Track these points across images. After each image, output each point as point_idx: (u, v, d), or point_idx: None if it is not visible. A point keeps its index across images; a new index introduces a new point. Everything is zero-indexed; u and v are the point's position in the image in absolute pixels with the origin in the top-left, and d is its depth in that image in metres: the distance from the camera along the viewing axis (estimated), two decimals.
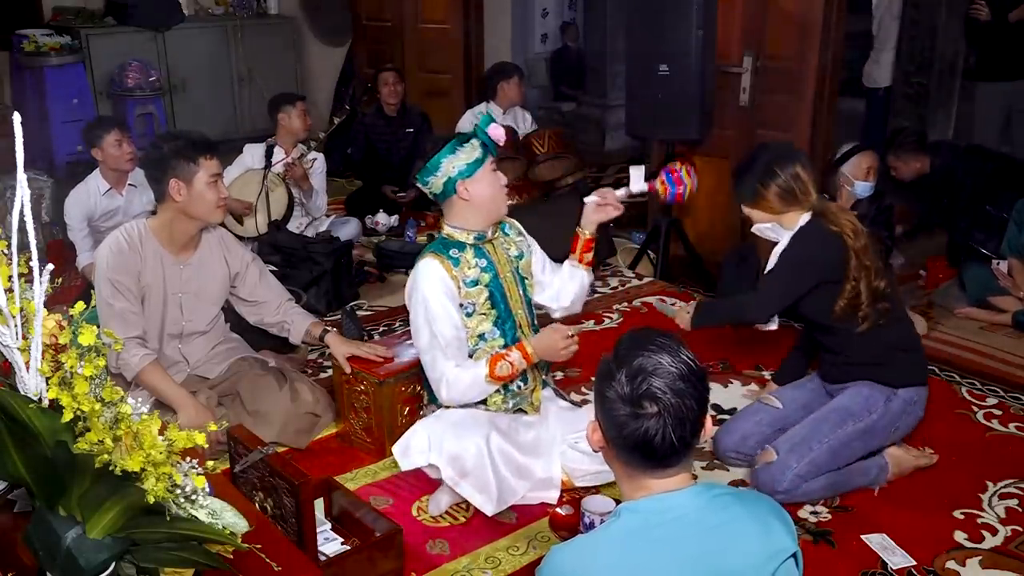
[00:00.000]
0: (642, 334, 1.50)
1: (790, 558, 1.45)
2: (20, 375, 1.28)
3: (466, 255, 2.66)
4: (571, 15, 9.88)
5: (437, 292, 2.61)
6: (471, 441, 2.54)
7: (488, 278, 2.68)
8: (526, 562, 2.46)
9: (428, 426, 2.63)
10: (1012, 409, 3.28)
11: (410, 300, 2.70)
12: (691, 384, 1.42)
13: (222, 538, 1.33)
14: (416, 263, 2.70)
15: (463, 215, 2.67)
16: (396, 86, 5.66)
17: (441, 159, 2.59)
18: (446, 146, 2.60)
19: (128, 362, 2.78)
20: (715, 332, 3.98)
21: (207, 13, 7.20)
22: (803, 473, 2.64)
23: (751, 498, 1.50)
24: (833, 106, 4.51)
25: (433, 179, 2.62)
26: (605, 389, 1.45)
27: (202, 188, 2.78)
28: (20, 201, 1.22)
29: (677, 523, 1.41)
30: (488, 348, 2.68)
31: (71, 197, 4.19)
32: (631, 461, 1.45)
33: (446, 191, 2.63)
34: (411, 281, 2.70)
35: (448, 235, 2.70)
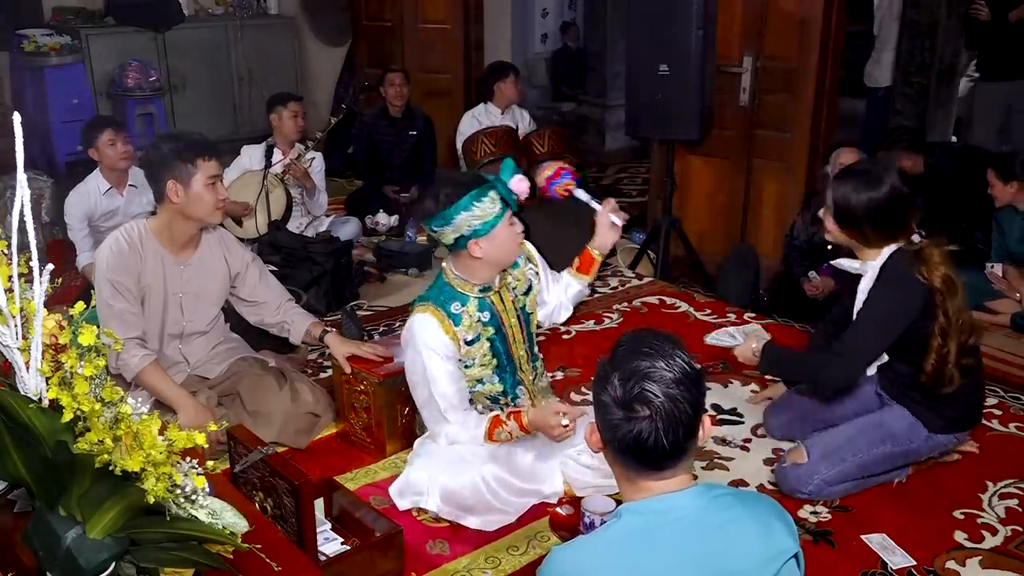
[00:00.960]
0: (639, 336, 1.50)
1: (792, 559, 1.45)
2: (20, 375, 1.28)
3: (468, 309, 2.53)
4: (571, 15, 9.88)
5: (434, 354, 2.49)
6: (467, 476, 2.53)
7: (490, 332, 2.58)
8: (526, 562, 2.46)
9: (425, 466, 2.61)
10: (1012, 409, 3.28)
11: (405, 351, 2.60)
12: (685, 388, 1.41)
13: (222, 538, 1.33)
14: (415, 309, 2.55)
15: (470, 269, 2.53)
16: (403, 87, 5.65)
17: (456, 214, 2.39)
18: (463, 199, 2.38)
19: (128, 363, 2.78)
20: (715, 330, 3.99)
21: (207, 13, 7.20)
22: (830, 480, 2.65)
23: (752, 499, 1.51)
24: (833, 106, 4.51)
25: (443, 231, 2.44)
26: (600, 392, 1.46)
27: (200, 190, 2.77)
28: (20, 201, 1.22)
29: (678, 524, 1.40)
30: (485, 391, 2.64)
31: (71, 196, 4.19)
32: (626, 463, 1.46)
33: (456, 245, 2.47)
34: (408, 333, 2.55)
35: (449, 283, 2.56)
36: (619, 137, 7.70)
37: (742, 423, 3.19)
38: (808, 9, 4.28)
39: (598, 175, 7.04)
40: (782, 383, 3.16)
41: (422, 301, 2.56)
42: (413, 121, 5.76)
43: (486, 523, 2.57)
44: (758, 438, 3.10)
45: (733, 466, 2.92)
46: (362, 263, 4.70)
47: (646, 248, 4.84)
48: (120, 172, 4.19)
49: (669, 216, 4.69)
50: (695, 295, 4.40)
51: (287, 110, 4.68)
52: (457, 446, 2.60)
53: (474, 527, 2.57)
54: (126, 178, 4.23)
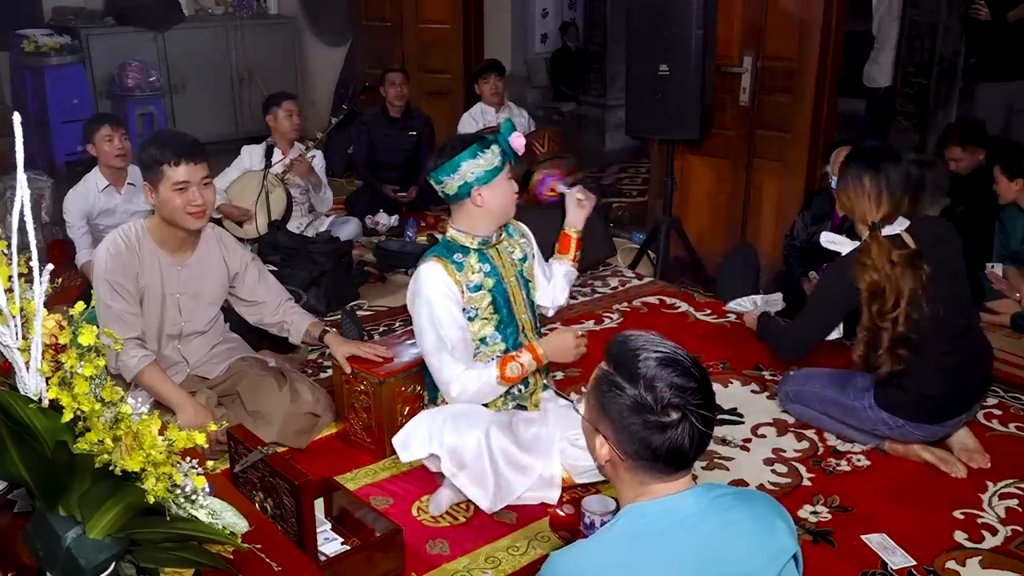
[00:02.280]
0: (632, 338, 1.47)
1: (791, 559, 1.44)
2: (20, 375, 1.28)
3: (470, 260, 2.66)
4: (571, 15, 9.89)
5: (440, 295, 2.60)
6: (471, 435, 2.54)
7: (492, 283, 2.68)
8: (526, 562, 2.46)
9: (428, 419, 2.63)
10: (1012, 409, 3.28)
11: (412, 303, 2.68)
12: (699, 378, 1.41)
13: (222, 538, 1.33)
14: (418, 266, 2.69)
15: (471, 219, 2.66)
16: (403, 87, 5.66)
17: (461, 161, 2.56)
18: (467, 149, 2.56)
19: (127, 363, 2.78)
20: (715, 330, 3.99)
21: (207, 13, 7.20)
22: (792, 395, 3.13)
23: (753, 498, 1.50)
24: (833, 106, 4.51)
25: (449, 179, 2.59)
26: (616, 403, 1.41)
27: (166, 194, 2.74)
28: (20, 201, 1.21)
29: (679, 526, 1.40)
30: (489, 352, 2.68)
31: (70, 195, 4.20)
32: (652, 470, 1.42)
33: (459, 194, 2.61)
34: (413, 284, 2.68)
35: (452, 238, 2.69)
36: (619, 137, 7.71)
37: (742, 423, 3.19)
38: (808, 9, 4.28)
39: (598, 175, 7.03)
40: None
41: (426, 256, 2.68)
42: (413, 121, 5.76)
43: (475, 486, 2.54)
44: (758, 438, 3.10)
45: (733, 466, 2.93)
46: (362, 263, 4.70)
47: (646, 248, 4.84)
48: (118, 170, 4.19)
49: (669, 216, 4.69)
50: (695, 295, 4.40)
51: (282, 110, 4.69)
52: (462, 405, 2.62)
53: (461, 487, 2.55)
54: (124, 176, 4.23)
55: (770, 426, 3.18)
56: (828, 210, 4.06)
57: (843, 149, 3.97)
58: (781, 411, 3.22)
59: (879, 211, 2.71)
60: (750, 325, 3.34)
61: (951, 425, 2.90)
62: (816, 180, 4.44)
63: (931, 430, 2.88)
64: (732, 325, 4.05)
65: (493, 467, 2.55)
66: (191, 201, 2.74)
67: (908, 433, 2.88)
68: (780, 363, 3.45)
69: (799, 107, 4.41)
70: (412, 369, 2.96)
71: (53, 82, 6.05)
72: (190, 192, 2.74)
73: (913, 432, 2.87)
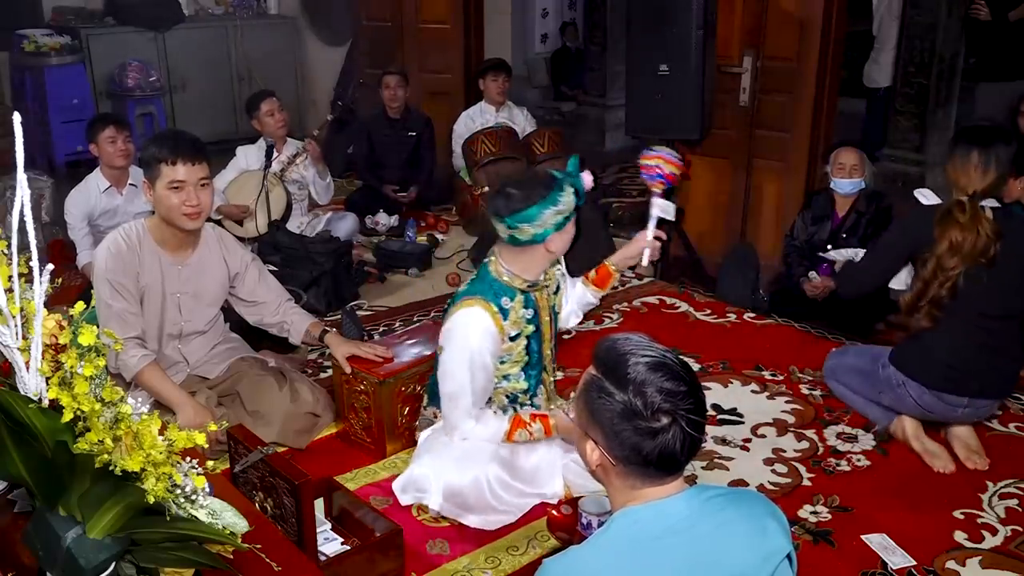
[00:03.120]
0: (619, 342, 1.45)
1: (784, 559, 1.43)
2: (20, 375, 1.28)
3: (515, 305, 2.56)
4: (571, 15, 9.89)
5: (482, 348, 2.50)
6: (470, 475, 2.55)
7: (531, 330, 2.61)
8: (526, 562, 2.46)
9: (430, 464, 2.62)
10: (1012, 409, 3.28)
11: (448, 343, 2.55)
12: (688, 381, 1.40)
13: (222, 538, 1.33)
14: (459, 303, 2.55)
15: (531, 264, 2.54)
16: (397, 90, 5.65)
17: (544, 209, 2.40)
18: (548, 195, 2.41)
19: (127, 363, 2.78)
20: (715, 330, 3.99)
21: (207, 13, 7.20)
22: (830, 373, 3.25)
23: (745, 498, 1.48)
24: (833, 106, 4.51)
25: (526, 227, 2.43)
26: (606, 409, 1.40)
27: (162, 193, 2.73)
28: (20, 201, 1.21)
29: (671, 530, 1.39)
30: (509, 388, 2.65)
31: (72, 195, 4.20)
32: (643, 474, 1.41)
33: (533, 240, 2.46)
34: (455, 325, 2.54)
35: (496, 276, 2.56)
36: (619, 137, 7.70)
37: (742, 423, 3.20)
38: (808, 9, 4.28)
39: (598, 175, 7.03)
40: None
41: (469, 295, 2.54)
42: (412, 122, 5.76)
43: (486, 522, 2.58)
44: (758, 438, 3.10)
45: (733, 466, 2.93)
46: (362, 263, 4.70)
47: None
48: (119, 170, 4.20)
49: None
50: (695, 295, 4.40)
51: (261, 112, 4.68)
52: (464, 444, 2.60)
53: (474, 526, 2.57)
54: (126, 177, 4.24)
55: (770, 426, 3.18)
56: (828, 210, 4.06)
57: (842, 150, 3.98)
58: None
59: (983, 183, 2.79)
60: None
61: (954, 407, 2.91)
62: (816, 180, 4.44)
63: (931, 402, 2.90)
64: (732, 325, 4.05)
65: (496, 500, 2.57)
66: (186, 201, 2.73)
67: (906, 398, 2.94)
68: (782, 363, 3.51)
69: (799, 107, 4.41)
70: (412, 369, 2.96)
71: (53, 82, 6.06)
72: (186, 192, 2.73)
73: (912, 398, 2.93)
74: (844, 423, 3.18)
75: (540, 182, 2.47)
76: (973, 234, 2.74)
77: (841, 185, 3.93)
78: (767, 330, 4.00)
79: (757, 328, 4.02)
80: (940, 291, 2.78)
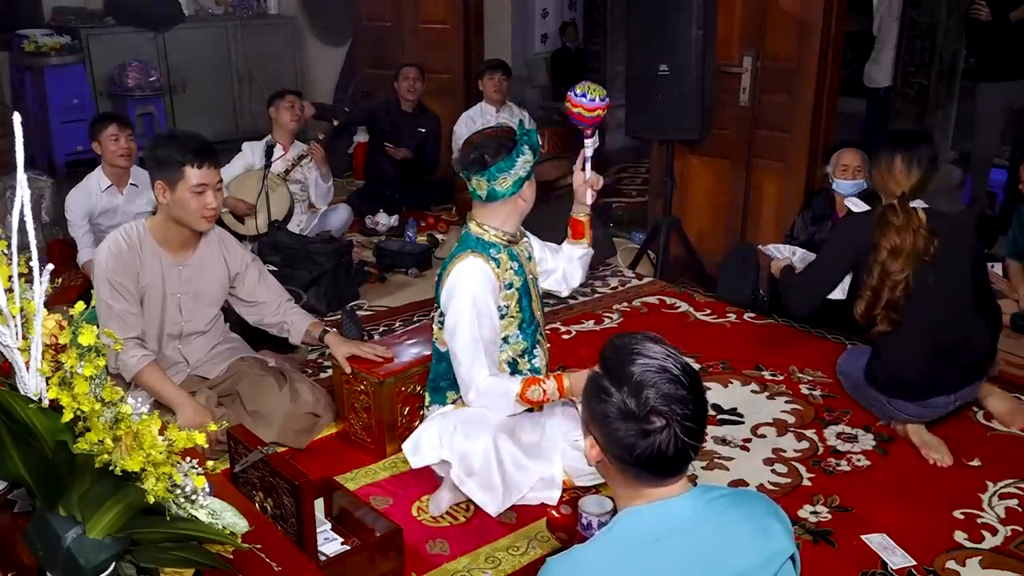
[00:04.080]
0: (626, 343, 1.45)
1: (788, 560, 1.43)
2: (20, 375, 1.28)
3: (503, 257, 2.64)
4: (571, 15, 9.88)
5: (485, 291, 2.57)
6: (480, 440, 2.54)
7: (519, 281, 2.67)
8: (526, 562, 2.46)
9: (438, 424, 2.63)
10: None
11: (451, 298, 2.60)
12: (689, 388, 1.39)
13: (222, 538, 1.33)
14: (452, 263, 2.62)
15: (507, 217, 2.65)
16: (416, 82, 5.68)
17: (518, 157, 2.56)
18: (516, 147, 2.56)
19: (126, 363, 2.78)
20: (715, 330, 3.99)
21: (207, 13, 7.20)
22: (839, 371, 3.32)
23: (748, 499, 1.49)
24: (833, 106, 4.51)
25: (505, 176, 2.56)
26: (603, 407, 1.40)
27: (184, 195, 2.74)
28: (20, 201, 1.22)
29: (675, 530, 1.39)
30: (511, 351, 2.68)
31: (72, 193, 4.20)
32: (639, 475, 1.41)
33: (512, 190, 2.59)
34: (454, 279, 2.60)
35: (481, 236, 2.64)
36: (619, 137, 7.70)
37: (742, 423, 3.19)
38: (808, 9, 4.28)
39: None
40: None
41: (459, 253, 2.63)
42: (424, 119, 5.78)
43: (483, 492, 2.55)
44: (758, 438, 3.10)
45: (733, 466, 2.93)
46: (362, 263, 4.71)
47: (646, 248, 4.84)
48: (121, 170, 4.20)
49: (669, 216, 4.69)
50: (695, 295, 4.40)
51: (284, 101, 4.73)
52: (472, 409, 2.61)
53: (476, 500, 2.56)
54: (127, 176, 4.24)
55: (770, 426, 3.18)
56: (828, 210, 4.06)
57: (844, 151, 3.98)
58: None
59: (909, 183, 2.89)
60: (774, 271, 3.45)
61: (936, 406, 3.00)
62: (816, 180, 4.44)
63: (921, 410, 3.01)
64: (732, 325, 4.05)
65: (501, 472, 2.56)
66: (207, 204, 2.76)
67: (891, 411, 3.05)
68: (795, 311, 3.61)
69: (799, 107, 4.40)
70: (412, 369, 2.96)
71: (53, 82, 6.06)
72: (207, 195, 2.75)
73: (896, 410, 3.04)
74: (844, 423, 3.18)
75: (504, 136, 2.63)
76: (910, 234, 2.83)
77: (843, 186, 3.93)
78: (767, 330, 4.00)
79: (757, 328, 4.02)
80: (893, 295, 2.86)
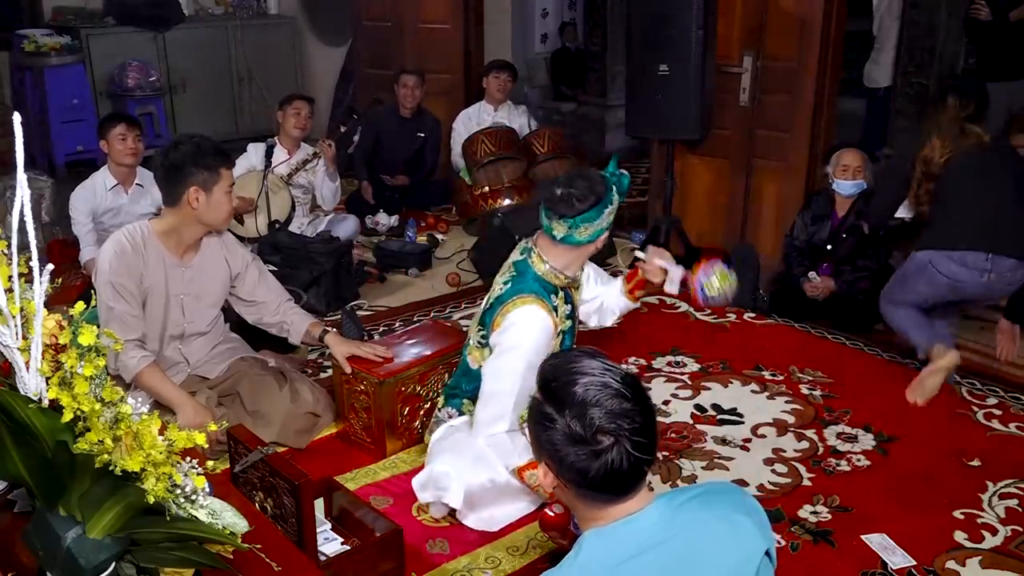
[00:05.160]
0: (563, 362, 1.40)
1: (764, 556, 1.39)
2: (20, 375, 1.28)
3: (559, 302, 2.60)
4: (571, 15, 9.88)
5: (543, 344, 2.51)
6: (487, 476, 2.54)
7: (568, 325, 2.65)
8: (526, 562, 2.46)
9: (451, 462, 2.58)
10: (1012, 409, 3.28)
11: (507, 340, 2.53)
12: (632, 399, 1.34)
13: (222, 538, 1.33)
14: (517, 302, 2.53)
15: (576, 261, 2.62)
16: (415, 90, 5.66)
17: (604, 209, 2.50)
18: (607, 195, 2.49)
19: (126, 364, 2.78)
20: (715, 330, 3.99)
21: (207, 13, 7.20)
22: (884, 298, 3.52)
23: (718, 497, 1.44)
24: (833, 106, 4.51)
25: (587, 226, 2.50)
26: (549, 434, 1.35)
27: (220, 198, 2.80)
28: (20, 201, 1.22)
29: (642, 547, 1.33)
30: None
31: (78, 191, 4.19)
32: (595, 497, 1.37)
33: (590, 239, 2.53)
34: (517, 322, 2.53)
35: (544, 276, 2.58)
36: (619, 137, 7.69)
37: (742, 423, 3.20)
38: (808, 9, 4.28)
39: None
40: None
41: (523, 293, 2.54)
42: (423, 123, 5.77)
43: (490, 520, 2.57)
44: (758, 438, 3.10)
45: (733, 466, 2.93)
46: (362, 263, 4.70)
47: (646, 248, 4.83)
48: (127, 169, 4.20)
49: (669, 216, 4.69)
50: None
51: (291, 107, 4.73)
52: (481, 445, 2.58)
53: (475, 527, 2.57)
54: (133, 176, 4.24)
55: (770, 426, 3.18)
56: (828, 210, 4.07)
57: (844, 151, 3.99)
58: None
59: (966, 110, 3.34)
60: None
61: (979, 271, 3.25)
62: (816, 180, 4.44)
63: (957, 270, 3.26)
64: (732, 325, 4.05)
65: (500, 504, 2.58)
66: (233, 203, 2.89)
67: (936, 276, 3.30)
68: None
69: (799, 107, 4.41)
70: (412, 369, 2.96)
71: (53, 82, 6.05)
72: (233, 194, 2.87)
73: (941, 273, 3.29)
74: (844, 423, 3.18)
75: (597, 182, 2.52)
76: (956, 132, 3.29)
77: (843, 186, 3.94)
78: (767, 330, 4.00)
79: (757, 328, 4.02)
80: (931, 169, 3.31)
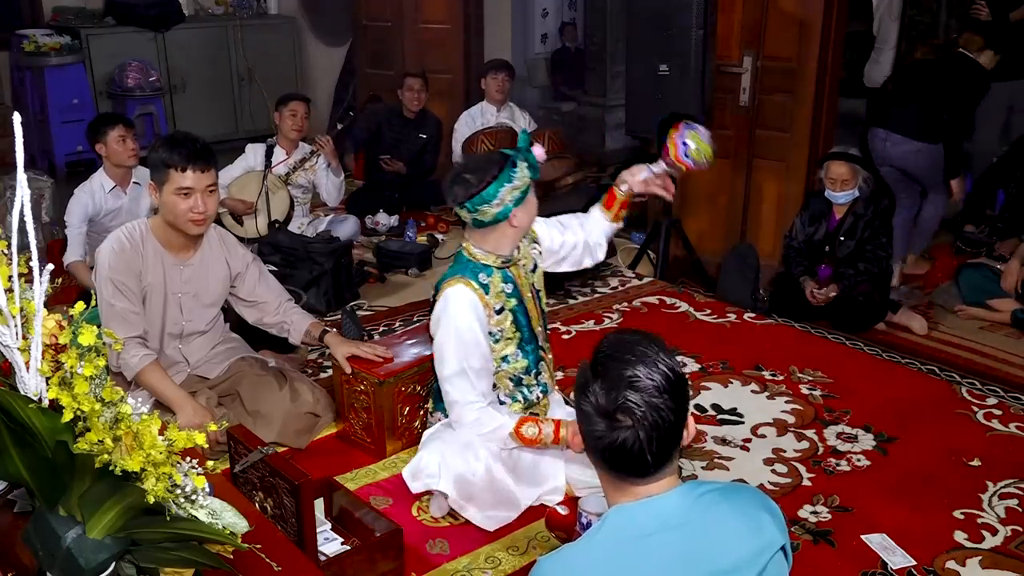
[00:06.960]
0: (622, 342, 1.45)
1: (779, 551, 1.42)
2: (20, 375, 1.28)
3: (494, 280, 2.58)
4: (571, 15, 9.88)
5: (470, 320, 2.52)
6: (479, 465, 2.54)
7: (513, 303, 2.63)
8: (526, 562, 2.45)
9: (438, 450, 2.60)
10: (1012, 409, 3.28)
11: (436, 327, 2.58)
12: (668, 395, 1.38)
13: (222, 538, 1.32)
14: (442, 288, 2.58)
15: (500, 241, 2.58)
16: (420, 93, 5.66)
17: (500, 187, 2.46)
18: (501, 174, 2.46)
19: (128, 362, 2.78)
20: (715, 330, 3.99)
21: (207, 13, 7.21)
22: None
23: (738, 492, 1.48)
24: (833, 106, 4.51)
25: (487, 207, 2.47)
26: (582, 400, 1.42)
27: (169, 198, 2.74)
28: (20, 201, 1.22)
29: (664, 527, 1.39)
30: (510, 370, 2.65)
31: (77, 194, 4.17)
32: (609, 473, 1.44)
33: (497, 219, 2.51)
34: (440, 307, 2.56)
35: (474, 257, 2.60)
36: (619, 137, 7.69)
37: (742, 423, 3.20)
38: (808, 9, 4.28)
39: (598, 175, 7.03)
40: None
41: (449, 277, 2.58)
42: (425, 124, 5.78)
43: (486, 519, 2.57)
44: (758, 438, 3.10)
45: (733, 466, 2.93)
46: (362, 263, 4.71)
47: (646, 248, 4.84)
48: (124, 170, 4.20)
49: (669, 216, 4.69)
50: (695, 295, 4.40)
51: (287, 108, 4.74)
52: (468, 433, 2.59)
53: (476, 522, 2.57)
54: (130, 176, 4.24)
55: (770, 426, 3.18)
56: (826, 211, 4.07)
57: (832, 163, 3.98)
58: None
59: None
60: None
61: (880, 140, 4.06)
62: (816, 180, 4.44)
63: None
64: (732, 325, 4.05)
65: (499, 496, 2.57)
66: (193, 208, 2.74)
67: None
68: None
69: (799, 107, 4.41)
70: (412, 369, 2.96)
71: (53, 82, 6.06)
72: (193, 199, 2.74)
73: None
74: (844, 423, 3.18)
75: (491, 162, 2.51)
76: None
77: (834, 196, 3.98)
78: (767, 330, 4.00)
79: (757, 328, 4.02)
80: None
